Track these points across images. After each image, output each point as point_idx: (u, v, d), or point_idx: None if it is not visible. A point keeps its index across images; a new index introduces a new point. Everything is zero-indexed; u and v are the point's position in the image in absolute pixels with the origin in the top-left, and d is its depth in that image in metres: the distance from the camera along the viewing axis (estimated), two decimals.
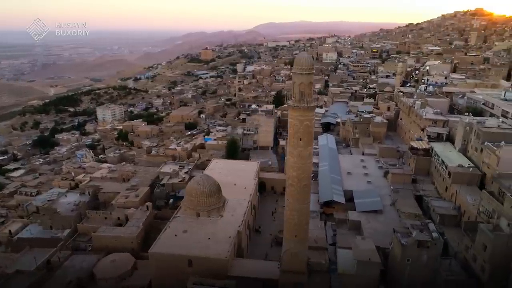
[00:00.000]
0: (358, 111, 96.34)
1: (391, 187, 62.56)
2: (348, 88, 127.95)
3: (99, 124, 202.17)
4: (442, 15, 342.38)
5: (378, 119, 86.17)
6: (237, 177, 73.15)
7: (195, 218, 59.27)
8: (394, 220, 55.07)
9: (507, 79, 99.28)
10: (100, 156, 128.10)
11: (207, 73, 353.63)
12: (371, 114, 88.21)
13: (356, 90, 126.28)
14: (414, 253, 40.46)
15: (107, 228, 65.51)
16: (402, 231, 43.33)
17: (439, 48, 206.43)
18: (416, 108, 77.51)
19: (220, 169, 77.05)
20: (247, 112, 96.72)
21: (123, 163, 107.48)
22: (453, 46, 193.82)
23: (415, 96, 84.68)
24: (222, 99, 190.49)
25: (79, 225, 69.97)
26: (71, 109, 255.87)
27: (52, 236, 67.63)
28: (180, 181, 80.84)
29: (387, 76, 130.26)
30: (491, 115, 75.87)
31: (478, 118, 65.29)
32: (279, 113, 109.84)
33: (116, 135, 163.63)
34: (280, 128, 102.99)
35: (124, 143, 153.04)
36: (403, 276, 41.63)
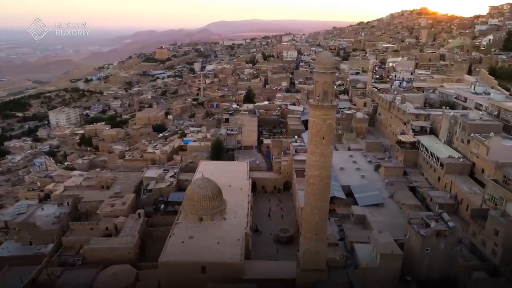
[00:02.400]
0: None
1: (386, 181, 64.80)
2: None
3: (55, 129, 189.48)
4: (391, 14, 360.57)
5: (360, 115, 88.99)
6: (230, 178, 72.10)
7: (198, 222, 57.60)
8: (396, 212, 57.23)
9: (468, 74, 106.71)
10: (66, 164, 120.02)
11: (163, 73, 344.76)
12: (352, 110, 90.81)
13: None
14: (433, 243, 42.29)
15: (98, 239, 61.77)
16: (417, 222, 45.06)
17: (394, 45, 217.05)
18: (397, 103, 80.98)
19: (211, 171, 75.15)
20: (230, 112, 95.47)
21: (97, 169, 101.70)
22: (406, 44, 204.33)
23: (395, 92, 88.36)
24: (189, 99, 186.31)
25: (63, 238, 65.40)
26: (20, 114, 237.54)
27: (35, 253, 62.70)
28: (168, 185, 78.16)
29: (357, 73, 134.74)
30: (464, 108, 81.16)
31: (461, 111, 69.61)
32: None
33: (78, 140, 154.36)
34: (260, 127, 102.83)
35: (88, 148, 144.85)
36: (422, 265, 43.38)
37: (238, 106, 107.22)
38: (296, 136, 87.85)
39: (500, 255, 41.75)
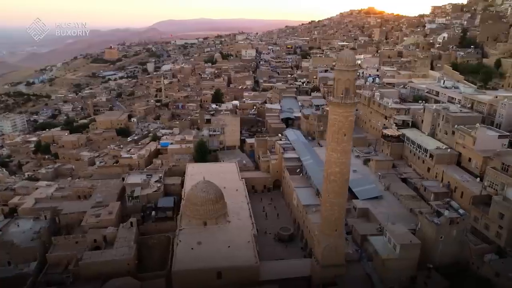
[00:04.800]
0: (314, 105, 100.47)
1: (379, 174, 67.09)
2: (292, 84, 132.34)
3: (3, 137, 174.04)
4: (340, 13, 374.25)
5: None
6: (223, 180, 70.55)
7: (202, 227, 55.92)
8: (396, 203, 59.45)
9: (431, 70, 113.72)
10: (27, 174, 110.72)
11: (115, 74, 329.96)
12: None
13: (299, 85, 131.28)
14: (446, 230, 44.50)
15: (92, 253, 57.78)
16: (427, 212, 47.15)
17: (349, 43, 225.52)
18: (377, 99, 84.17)
19: (201, 173, 72.97)
20: (211, 113, 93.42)
21: (69, 178, 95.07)
22: (362, 42, 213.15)
23: (373, 89, 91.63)
24: (152, 101, 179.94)
25: (47, 255, 60.42)
26: None
27: (17, 273, 57.34)
28: (155, 191, 74.97)
29: (325, 71, 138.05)
30: (436, 101, 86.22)
31: (443, 104, 73.85)
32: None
33: (33, 148, 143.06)
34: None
35: (46, 156, 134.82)
36: (436, 252, 45.48)
37: (217, 106, 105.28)
38: (280, 135, 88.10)
39: (505, 237, 44.91)
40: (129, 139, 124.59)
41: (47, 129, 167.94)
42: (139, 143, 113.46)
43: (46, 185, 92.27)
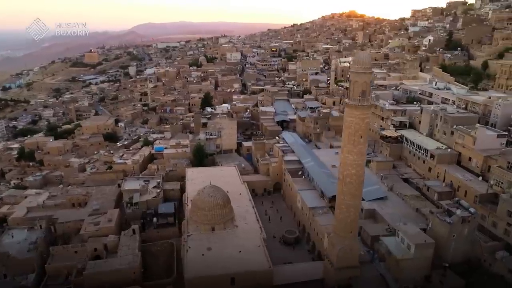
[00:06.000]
0: (308, 107, 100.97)
1: (381, 175, 67.78)
2: (283, 86, 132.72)
3: None
4: (322, 17, 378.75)
5: (335, 113, 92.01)
6: (225, 184, 69.31)
7: (211, 232, 55.00)
8: (401, 203, 60.11)
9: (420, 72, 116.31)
10: (13, 182, 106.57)
11: (96, 78, 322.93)
12: (328, 109, 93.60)
13: (291, 88, 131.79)
14: (459, 229, 45.23)
15: (96, 263, 56.25)
16: (438, 211, 47.83)
17: (333, 46, 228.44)
18: (374, 101, 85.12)
19: (201, 178, 72.33)
20: (207, 116, 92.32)
21: (61, 186, 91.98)
22: (346, 45, 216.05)
23: None
24: (139, 105, 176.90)
25: (47, 266, 58.53)
26: None
27: (15, 286, 55.24)
28: (154, 197, 73.48)
29: (316, 73, 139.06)
30: (429, 102, 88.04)
31: (440, 105, 75.37)
32: None
33: (16, 155, 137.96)
34: None
35: (31, 164, 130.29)
36: (448, 251, 46.16)
37: (213, 110, 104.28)
38: (277, 137, 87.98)
39: None
40: (118, 144, 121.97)
41: (28, 136, 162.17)
42: (131, 148, 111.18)
43: (36, 193, 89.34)
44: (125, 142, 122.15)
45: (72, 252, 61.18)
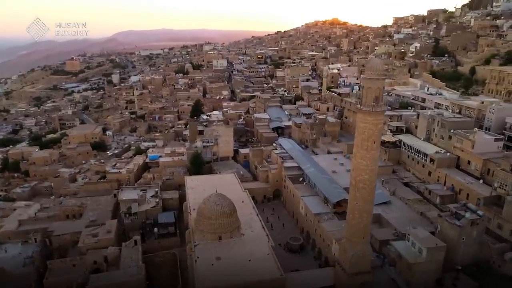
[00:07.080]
0: (302, 113, 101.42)
1: (382, 179, 68.30)
2: (275, 93, 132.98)
3: None
4: (306, 24, 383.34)
5: (331, 119, 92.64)
6: (226, 192, 68.17)
7: (217, 242, 53.91)
8: (404, 207, 60.70)
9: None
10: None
11: (78, 86, 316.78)
12: (324, 115, 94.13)
13: (283, 94, 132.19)
14: (468, 231, 45.86)
15: (99, 276, 54.55)
16: (446, 215, 48.42)
17: (318, 53, 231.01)
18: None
19: (202, 186, 71.23)
20: (204, 124, 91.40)
21: (52, 197, 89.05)
22: (332, 51, 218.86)
23: None
24: (126, 113, 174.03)
25: (45, 281, 56.51)
26: None
27: None
28: (153, 206, 71.98)
29: (307, 80, 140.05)
30: (422, 108, 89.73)
31: (437, 110, 76.86)
32: None
33: (0, 166, 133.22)
34: None
35: (16, 174, 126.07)
36: (457, 253, 46.69)
37: (208, 117, 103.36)
38: (274, 144, 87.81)
39: None
40: (109, 153, 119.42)
41: (10, 146, 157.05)
42: (122, 157, 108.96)
43: (25, 205, 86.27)
44: (116, 151, 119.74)
45: (70, 266, 59.58)
